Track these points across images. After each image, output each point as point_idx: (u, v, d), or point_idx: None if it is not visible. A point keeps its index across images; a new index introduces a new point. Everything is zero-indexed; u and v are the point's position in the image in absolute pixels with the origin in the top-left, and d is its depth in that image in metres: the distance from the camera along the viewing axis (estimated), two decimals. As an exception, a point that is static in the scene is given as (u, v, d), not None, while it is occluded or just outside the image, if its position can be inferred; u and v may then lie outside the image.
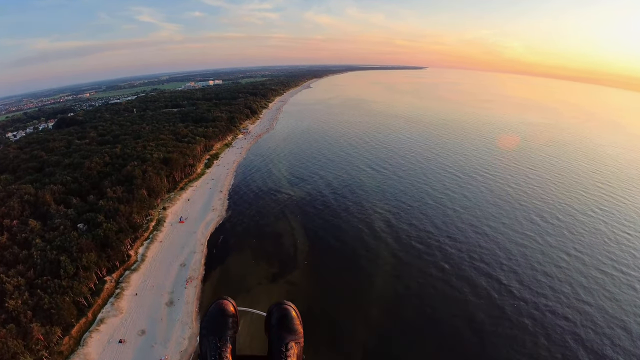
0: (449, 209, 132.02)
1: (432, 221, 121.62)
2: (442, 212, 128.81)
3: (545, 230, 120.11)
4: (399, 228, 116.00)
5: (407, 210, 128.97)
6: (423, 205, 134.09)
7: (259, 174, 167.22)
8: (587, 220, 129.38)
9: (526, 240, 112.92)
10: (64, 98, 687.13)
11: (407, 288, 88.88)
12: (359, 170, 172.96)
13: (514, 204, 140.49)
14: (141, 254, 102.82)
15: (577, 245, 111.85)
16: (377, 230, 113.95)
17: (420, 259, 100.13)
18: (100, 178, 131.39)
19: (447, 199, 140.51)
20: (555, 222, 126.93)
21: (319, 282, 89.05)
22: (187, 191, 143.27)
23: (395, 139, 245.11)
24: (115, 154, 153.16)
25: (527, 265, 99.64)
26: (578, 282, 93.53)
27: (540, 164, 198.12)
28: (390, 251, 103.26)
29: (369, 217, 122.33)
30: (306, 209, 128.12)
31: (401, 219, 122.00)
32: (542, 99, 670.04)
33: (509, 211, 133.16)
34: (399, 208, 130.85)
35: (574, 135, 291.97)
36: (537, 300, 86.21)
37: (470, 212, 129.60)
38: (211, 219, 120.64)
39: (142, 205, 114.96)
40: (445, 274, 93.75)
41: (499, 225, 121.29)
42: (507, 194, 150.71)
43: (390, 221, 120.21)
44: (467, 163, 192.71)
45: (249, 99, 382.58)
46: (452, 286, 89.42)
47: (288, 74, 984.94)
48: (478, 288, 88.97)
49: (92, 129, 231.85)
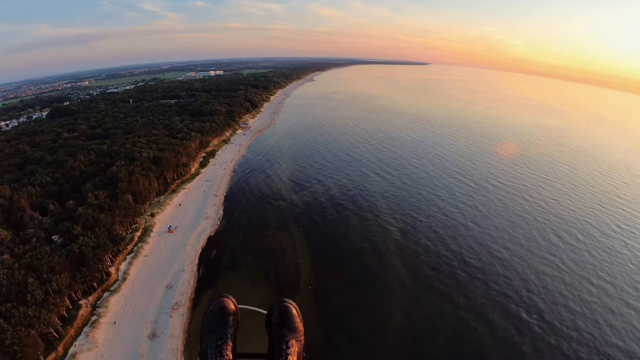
0: (461, 225, 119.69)
1: (444, 241, 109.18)
2: (454, 229, 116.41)
3: (565, 253, 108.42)
4: (408, 249, 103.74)
5: (417, 227, 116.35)
6: (433, 221, 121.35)
7: (257, 175, 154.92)
8: (608, 242, 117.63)
9: (546, 265, 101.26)
10: (62, 86, 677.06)
11: (420, 326, 77.13)
12: (363, 176, 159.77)
13: (530, 219, 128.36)
14: (123, 271, 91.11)
15: (600, 272, 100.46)
16: (385, 252, 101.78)
17: (433, 289, 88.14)
18: (82, 179, 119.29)
19: (459, 213, 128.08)
20: (574, 242, 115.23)
21: (324, 313, 77.42)
22: (179, 194, 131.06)
23: (401, 140, 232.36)
24: (101, 152, 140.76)
25: (549, 298, 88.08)
26: (605, 319, 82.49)
27: (554, 173, 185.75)
28: (401, 279, 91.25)
29: (376, 235, 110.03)
30: (308, 220, 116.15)
31: (410, 238, 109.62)
32: (548, 99, 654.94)
33: (526, 229, 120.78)
34: (408, 223, 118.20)
35: (586, 141, 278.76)
36: (560, 343, 75.19)
37: (484, 230, 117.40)
38: (203, 229, 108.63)
39: (126, 212, 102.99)
40: (460, 309, 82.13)
41: (516, 247, 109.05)
42: (522, 208, 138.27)
43: (399, 241, 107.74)
44: (478, 169, 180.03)
45: (250, 91, 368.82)
46: (467, 324, 78.03)
47: (291, 66, 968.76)
48: (497, 327, 77.70)
49: (83, 121, 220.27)
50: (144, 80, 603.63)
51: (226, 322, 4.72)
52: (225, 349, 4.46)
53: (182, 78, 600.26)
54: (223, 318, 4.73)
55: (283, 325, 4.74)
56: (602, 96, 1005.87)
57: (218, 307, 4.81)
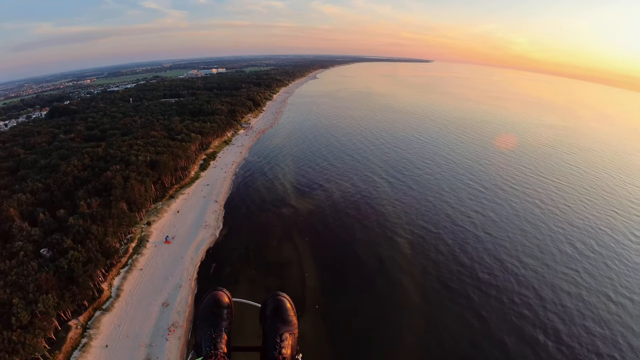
0: (472, 235, 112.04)
1: (455, 253, 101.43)
2: (465, 241, 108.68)
3: (582, 266, 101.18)
4: (417, 263, 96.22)
5: (426, 237, 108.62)
6: (443, 230, 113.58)
7: (260, 179, 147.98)
8: (625, 252, 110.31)
9: (563, 280, 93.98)
10: (64, 84, 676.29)
11: (433, 352, 70.07)
12: (368, 180, 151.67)
13: (544, 228, 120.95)
14: (116, 286, 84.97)
15: (619, 286, 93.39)
16: (394, 267, 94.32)
17: (445, 309, 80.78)
18: (76, 185, 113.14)
19: (470, 222, 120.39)
20: (590, 253, 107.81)
21: (332, 337, 70.84)
22: (177, 200, 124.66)
23: (406, 140, 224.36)
24: (96, 155, 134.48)
25: (567, 317, 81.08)
26: (626, 341, 75.85)
27: (565, 176, 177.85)
28: (411, 298, 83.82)
29: (384, 247, 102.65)
30: (313, 230, 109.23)
31: (420, 250, 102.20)
32: (554, 98, 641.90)
33: (540, 239, 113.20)
34: (417, 234, 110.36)
35: (595, 142, 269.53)
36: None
37: (497, 241, 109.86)
38: (203, 238, 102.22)
39: (120, 222, 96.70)
40: (475, 332, 75.09)
41: (530, 260, 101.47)
42: (535, 215, 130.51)
43: (408, 254, 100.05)
44: (487, 172, 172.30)
45: (252, 89, 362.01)
46: (483, 350, 71.17)
47: (293, 63, 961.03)
48: (514, 353, 70.98)
49: (81, 121, 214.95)
50: (145, 79, 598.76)
51: (220, 315, 4.65)
52: (219, 342, 4.40)
53: (184, 76, 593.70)
54: (217, 311, 4.66)
55: (277, 318, 4.71)
56: (608, 95, 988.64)
57: (212, 300, 4.73)
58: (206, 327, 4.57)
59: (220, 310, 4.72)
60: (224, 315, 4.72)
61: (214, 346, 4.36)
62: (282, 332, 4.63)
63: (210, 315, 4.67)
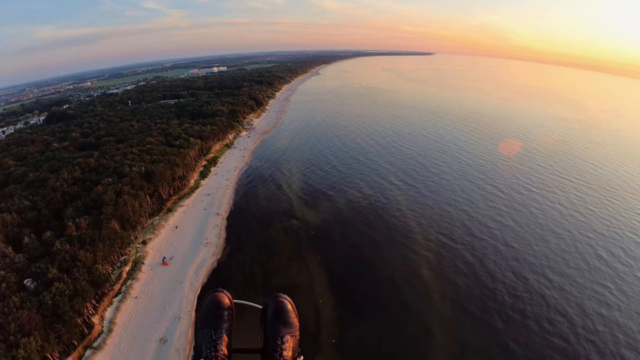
0: (493, 249, 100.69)
1: (478, 273, 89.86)
2: (487, 256, 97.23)
3: (612, 282, 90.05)
4: (444, 284, 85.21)
5: (445, 254, 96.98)
6: (463, 246, 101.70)
7: (264, 187, 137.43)
8: None
9: (594, 300, 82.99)
10: (65, 87, 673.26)
11: None
12: (379, 186, 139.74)
13: (568, 237, 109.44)
14: (109, 319, 75.64)
15: None
16: (418, 289, 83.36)
17: (470, 343, 70.51)
18: (64, 202, 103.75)
19: (490, 233, 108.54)
20: (619, 265, 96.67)
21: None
22: (176, 214, 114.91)
23: (414, 140, 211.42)
24: (88, 166, 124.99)
25: (602, 346, 70.95)
26: None
27: (584, 174, 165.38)
28: (442, 325, 73.70)
29: (404, 266, 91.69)
30: (325, 246, 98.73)
31: (441, 269, 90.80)
32: (560, 89, 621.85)
33: (566, 251, 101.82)
34: (435, 250, 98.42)
35: (611, 135, 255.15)
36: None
37: (520, 255, 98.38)
38: (204, 259, 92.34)
39: (112, 244, 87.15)
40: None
41: (557, 277, 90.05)
42: (558, 221, 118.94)
43: (432, 274, 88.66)
44: (502, 173, 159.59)
45: (254, 88, 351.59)
46: None
47: (295, 59, 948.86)
48: None
49: (77, 127, 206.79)
50: (146, 79, 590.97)
51: (221, 317, 4.60)
52: (220, 343, 4.35)
53: (184, 76, 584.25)
54: (218, 313, 4.61)
55: (278, 320, 4.68)
56: (612, 84, 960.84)
57: (213, 301, 4.67)
58: (207, 328, 4.46)
59: (221, 311, 4.61)
60: (225, 317, 4.61)
61: (215, 348, 4.26)
62: (283, 334, 4.54)
63: (210, 316, 4.55)
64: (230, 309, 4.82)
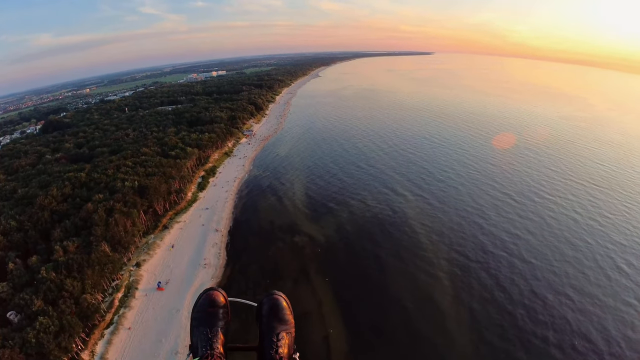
0: (509, 266, 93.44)
1: (495, 296, 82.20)
2: (504, 274, 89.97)
3: (636, 295, 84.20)
4: (456, 312, 77.82)
5: (459, 274, 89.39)
6: (478, 264, 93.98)
7: (266, 199, 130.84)
8: None
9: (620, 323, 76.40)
10: (63, 94, 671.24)
11: None
12: (387, 197, 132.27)
13: (587, 249, 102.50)
14: (99, 354, 69.39)
15: None
16: (431, 319, 76.00)
17: None
18: (52, 222, 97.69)
19: (505, 248, 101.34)
20: None
21: None
22: (172, 231, 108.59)
23: (418, 144, 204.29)
24: (79, 181, 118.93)
25: None
26: None
27: (598, 177, 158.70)
28: (458, 356, 67.67)
29: (421, 287, 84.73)
30: (333, 266, 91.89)
31: (456, 292, 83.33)
32: (563, 86, 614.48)
33: (586, 265, 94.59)
34: (448, 270, 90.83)
35: (619, 133, 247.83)
36: None
37: (538, 273, 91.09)
38: (202, 282, 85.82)
39: (102, 270, 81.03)
40: None
41: (578, 296, 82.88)
42: (574, 231, 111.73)
43: (443, 298, 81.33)
44: (512, 179, 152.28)
45: (254, 92, 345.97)
46: None
47: (295, 62, 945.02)
48: None
49: (71, 137, 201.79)
50: (144, 85, 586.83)
51: (216, 315, 4.58)
52: (215, 342, 4.33)
53: (183, 80, 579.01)
54: (213, 311, 4.59)
55: (273, 317, 4.64)
56: (613, 80, 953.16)
57: (207, 300, 4.64)
58: (202, 327, 4.43)
59: (215, 310, 4.58)
60: (220, 315, 4.59)
61: (210, 346, 4.23)
62: (278, 331, 4.52)
63: (205, 315, 4.52)
64: (226, 307, 4.70)
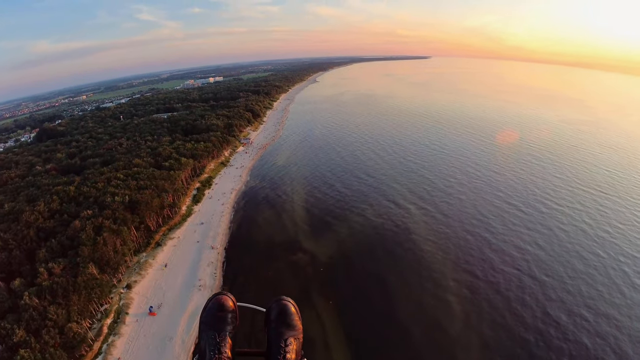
0: (527, 280, 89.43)
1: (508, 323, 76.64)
2: (520, 290, 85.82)
3: None
4: (471, 333, 73.17)
5: (474, 292, 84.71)
6: (492, 279, 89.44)
7: (265, 212, 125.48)
8: None
9: None
10: (60, 101, 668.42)
11: None
12: (389, 212, 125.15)
13: (600, 263, 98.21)
14: (82, 390, 64.05)
15: None
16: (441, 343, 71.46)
17: None
18: (39, 240, 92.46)
19: (520, 262, 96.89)
20: None
21: None
22: (165, 248, 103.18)
23: (419, 151, 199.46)
24: (67, 195, 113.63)
25: None
26: None
27: (603, 182, 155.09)
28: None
29: (423, 310, 79.32)
30: (338, 287, 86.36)
31: (469, 313, 78.74)
32: (561, 88, 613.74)
33: (600, 282, 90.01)
34: (461, 286, 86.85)
35: (623, 136, 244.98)
36: None
37: (554, 288, 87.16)
38: (197, 306, 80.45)
39: (89, 294, 75.67)
40: None
41: (594, 317, 78.46)
42: (586, 241, 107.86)
43: (451, 319, 77.04)
44: (518, 188, 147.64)
45: (251, 98, 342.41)
46: None
47: (292, 67, 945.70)
48: None
49: (64, 146, 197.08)
50: (141, 92, 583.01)
51: (224, 320, 4.58)
52: (223, 346, 4.34)
53: (180, 87, 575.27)
54: (221, 315, 4.59)
55: (282, 323, 4.66)
56: (611, 81, 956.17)
57: (216, 304, 4.65)
58: (210, 331, 4.44)
59: (224, 314, 4.58)
60: (229, 320, 4.58)
61: (218, 350, 4.24)
62: (286, 336, 4.53)
63: (214, 319, 4.54)
64: (234, 312, 4.68)
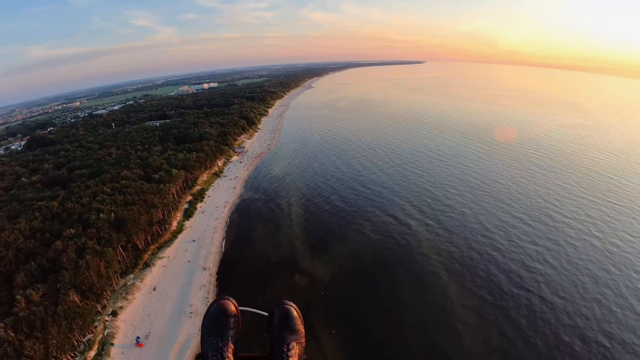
0: (537, 303, 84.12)
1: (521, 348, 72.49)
2: (531, 316, 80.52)
3: None
4: None
5: (484, 321, 79.30)
6: (503, 304, 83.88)
7: (261, 228, 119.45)
8: None
9: None
10: (53, 108, 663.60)
11: None
12: (391, 228, 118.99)
13: (611, 277, 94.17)
14: None
15: None
16: None
17: None
18: (18, 262, 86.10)
19: (529, 283, 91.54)
20: None
21: None
22: (154, 269, 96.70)
23: (419, 160, 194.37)
24: (50, 212, 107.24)
25: None
26: None
27: (607, 190, 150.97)
28: None
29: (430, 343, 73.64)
30: (340, 311, 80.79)
31: (480, 345, 73.45)
32: (559, 92, 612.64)
33: (615, 298, 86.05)
34: (469, 313, 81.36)
35: (625, 141, 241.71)
36: None
37: (567, 311, 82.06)
38: (188, 337, 74.20)
39: (70, 325, 69.43)
40: None
41: (610, 343, 73.63)
42: (596, 257, 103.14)
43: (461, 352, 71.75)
44: (523, 198, 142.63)
45: (245, 105, 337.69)
46: None
47: (287, 73, 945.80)
48: None
49: (52, 156, 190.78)
50: (135, 98, 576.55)
51: (227, 324, 4.59)
52: (226, 351, 4.35)
53: (174, 93, 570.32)
54: (223, 320, 4.60)
55: (284, 327, 4.66)
56: (607, 84, 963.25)
57: (218, 309, 4.67)
58: (213, 336, 4.45)
59: (226, 319, 4.59)
60: (231, 324, 4.59)
61: (221, 355, 4.25)
62: (289, 341, 4.53)
63: (216, 323, 4.54)
64: (236, 316, 4.71)
